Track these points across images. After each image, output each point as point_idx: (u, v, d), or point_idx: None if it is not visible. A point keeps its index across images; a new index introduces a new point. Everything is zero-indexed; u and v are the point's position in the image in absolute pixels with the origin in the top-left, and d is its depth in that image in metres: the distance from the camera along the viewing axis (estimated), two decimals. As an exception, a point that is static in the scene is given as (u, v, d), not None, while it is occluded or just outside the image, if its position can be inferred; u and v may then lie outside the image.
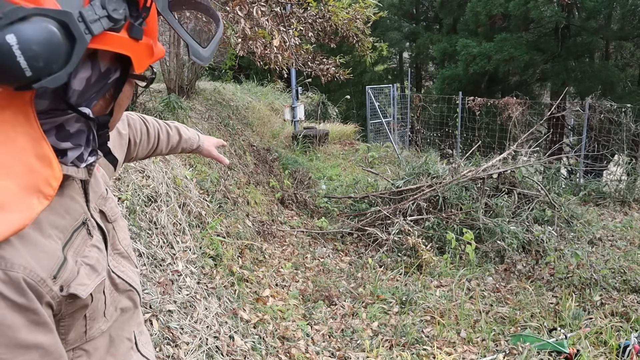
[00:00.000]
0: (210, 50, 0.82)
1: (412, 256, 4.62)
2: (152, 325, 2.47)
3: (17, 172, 0.64)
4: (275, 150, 7.75)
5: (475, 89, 13.89)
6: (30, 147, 0.66)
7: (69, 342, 0.79)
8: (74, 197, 0.81)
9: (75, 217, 0.79)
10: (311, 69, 6.43)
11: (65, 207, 0.78)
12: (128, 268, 0.94)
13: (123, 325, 0.91)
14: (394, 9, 18.92)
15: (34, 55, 0.59)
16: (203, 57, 0.81)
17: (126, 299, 0.92)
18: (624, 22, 13.57)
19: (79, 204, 0.81)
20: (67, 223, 0.76)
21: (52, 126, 0.71)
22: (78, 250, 0.77)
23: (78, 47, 0.63)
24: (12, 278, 0.63)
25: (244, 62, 11.57)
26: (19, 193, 0.64)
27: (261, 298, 3.50)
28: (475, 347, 3.34)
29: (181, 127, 1.44)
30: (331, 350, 3.14)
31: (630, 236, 5.57)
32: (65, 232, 0.75)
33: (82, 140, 0.76)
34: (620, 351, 3.15)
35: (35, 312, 0.66)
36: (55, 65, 0.62)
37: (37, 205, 0.66)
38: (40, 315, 0.67)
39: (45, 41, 0.59)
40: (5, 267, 0.63)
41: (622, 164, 7.82)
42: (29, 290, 0.65)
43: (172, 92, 5.78)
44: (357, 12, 6.00)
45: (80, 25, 0.63)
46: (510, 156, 6.78)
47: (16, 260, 0.64)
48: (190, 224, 3.52)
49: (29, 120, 0.66)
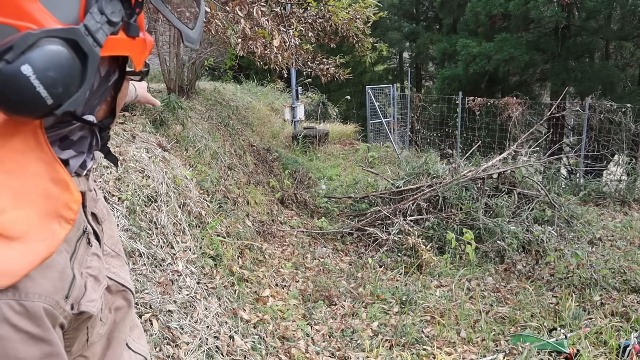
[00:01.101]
0: (198, 31, 0.80)
1: (412, 256, 4.62)
2: (152, 325, 2.47)
3: (35, 200, 0.62)
4: (275, 150, 7.75)
5: (475, 89, 13.89)
6: (45, 172, 0.63)
7: (73, 352, 0.77)
8: None
9: (77, 226, 0.76)
10: (311, 69, 6.43)
11: None
12: (119, 267, 0.91)
13: (118, 325, 0.89)
14: (394, 9, 18.92)
15: (52, 82, 0.57)
16: (193, 39, 0.79)
17: (120, 299, 0.90)
18: (624, 22, 13.57)
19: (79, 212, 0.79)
20: (72, 234, 0.73)
21: (55, 138, 0.69)
22: (82, 261, 0.75)
23: (91, 63, 0.61)
24: (27, 308, 0.60)
25: (244, 62, 11.57)
26: (39, 221, 0.62)
27: (261, 298, 3.50)
28: (475, 347, 3.34)
29: None
30: (331, 350, 3.14)
31: (630, 236, 5.57)
32: (71, 244, 0.73)
33: (84, 147, 0.74)
34: (620, 351, 3.15)
35: (50, 344, 0.63)
36: (72, 87, 0.60)
37: (60, 231, 0.64)
38: (54, 346, 0.64)
39: (60, 65, 0.57)
40: (20, 297, 0.60)
41: (622, 164, 7.81)
42: (47, 319, 0.63)
43: (172, 92, 5.78)
44: (357, 12, 5.99)
45: (88, 39, 0.60)
46: (510, 156, 6.78)
47: (31, 288, 0.61)
48: (190, 224, 3.52)
49: (40, 145, 0.63)
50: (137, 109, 4.42)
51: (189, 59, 6.21)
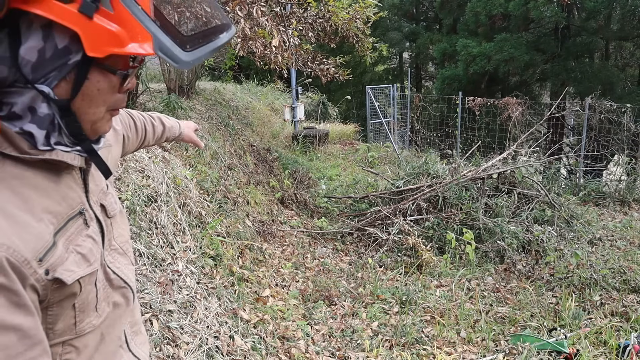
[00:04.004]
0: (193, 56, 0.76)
1: (412, 256, 4.62)
2: (152, 325, 2.47)
3: None
4: (275, 150, 7.75)
5: (475, 89, 13.89)
6: None
7: (57, 332, 0.79)
8: (72, 187, 0.82)
9: (72, 205, 0.80)
10: (311, 69, 6.43)
11: (62, 195, 0.79)
12: (124, 265, 0.94)
13: (114, 322, 0.91)
14: (394, 9, 18.91)
15: None
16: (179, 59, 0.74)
17: (119, 295, 0.92)
18: (623, 22, 13.57)
19: (77, 194, 0.82)
20: (62, 210, 0.78)
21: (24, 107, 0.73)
22: (71, 238, 0.78)
23: None
24: None
25: (244, 62, 11.59)
26: None
27: (261, 298, 3.50)
28: (475, 347, 3.34)
29: (163, 117, 1.45)
30: (331, 350, 3.14)
31: (630, 236, 5.57)
32: (59, 218, 0.77)
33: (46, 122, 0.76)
34: (620, 351, 3.15)
35: (17, 294, 0.66)
36: None
37: None
38: (21, 296, 0.67)
39: None
40: None
41: (622, 164, 7.81)
42: (11, 271, 0.66)
43: (172, 92, 5.78)
44: (357, 12, 6.00)
45: None
46: (510, 156, 6.78)
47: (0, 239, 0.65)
48: (190, 224, 3.52)
49: None
50: (137, 109, 4.42)
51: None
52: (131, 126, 1.28)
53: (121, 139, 1.20)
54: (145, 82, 5.02)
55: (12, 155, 0.74)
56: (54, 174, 0.79)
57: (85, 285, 0.80)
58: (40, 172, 0.77)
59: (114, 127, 1.15)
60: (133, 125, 1.29)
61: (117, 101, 0.81)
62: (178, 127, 1.49)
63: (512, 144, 8.05)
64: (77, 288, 0.78)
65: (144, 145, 1.38)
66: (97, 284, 0.84)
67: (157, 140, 1.42)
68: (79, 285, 0.78)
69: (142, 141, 1.34)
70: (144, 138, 1.35)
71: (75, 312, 0.80)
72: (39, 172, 0.77)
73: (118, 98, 0.81)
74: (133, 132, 1.29)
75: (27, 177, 0.75)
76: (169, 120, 1.47)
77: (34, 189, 0.75)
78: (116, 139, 1.15)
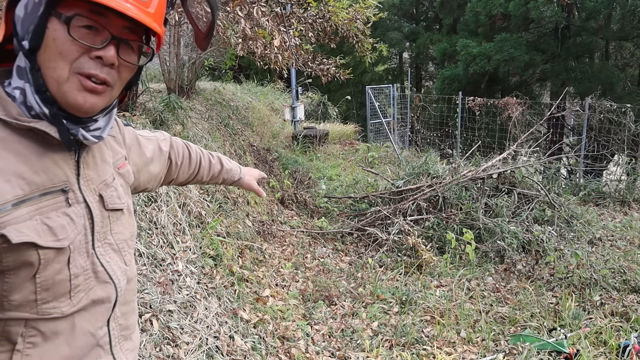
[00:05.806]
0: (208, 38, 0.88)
1: (412, 256, 4.62)
2: (152, 325, 2.47)
3: None
4: (275, 150, 7.75)
5: (475, 89, 13.90)
6: None
7: (14, 304, 0.78)
8: (57, 162, 0.82)
9: (53, 180, 0.81)
10: (311, 69, 6.43)
11: (44, 167, 0.80)
12: (115, 262, 0.92)
13: (91, 317, 0.88)
14: (394, 9, 18.91)
15: None
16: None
17: (101, 290, 0.89)
18: (623, 22, 13.57)
19: (62, 171, 0.83)
20: (39, 180, 0.79)
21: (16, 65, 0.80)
22: (43, 210, 0.79)
23: None
24: None
25: (244, 62, 11.58)
26: None
27: (261, 298, 3.50)
28: (475, 347, 3.34)
29: (223, 158, 1.45)
30: (331, 350, 3.14)
31: (630, 236, 5.57)
32: (32, 187, 0.78)
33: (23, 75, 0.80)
34: (620, 351, 3.15)
35: None
36: None
37: None
38: None
39: None
40: None
41: (622, 164, 7.82)
42: None
43: (172, 92, 5.78)
44: (357, 12, 6.00)
45: None
46: (510, 156, 6.78)
47: None
48: (190, 224, 3.52)
49: None
50: (137, 109, 4.42)
51: (189, 59, 6.21)
52: (185, 156, 1.30)
53: (165, 159, 1.22)
54: (145, 82, 5.01)
55: (1, 119, 0.77)
56: (41, 147, 0.81)
57: (50, 262, 0.80)
58: (26, 140, 0.79)
59: (161, 146, 1.20)
60: (187, 156, 1.31)
61: (85, 64, 0.79)
62: (238, 172, 1.48)
63: (512, 144, 8.04)
64: (33, 258, 0.78)
65: (197, 180, 1.38)
66: (70, 266, 0.83)
67: (212, 179, 1.41)
68: (36, 255, 0.78)
69: (194, 174, 1.35)
70: (197, 171, 1.35)
71: (35, 288, 0.79)
72: (24, 140, 0.79)
73: (85, 61, 0.79)
74: (186, 161, 1.30)
75: (9, 142, 0.77)
76: (230, 163, 1.47)
77: (14, 153, 0.77)
78: (159, 157, 1.19)
